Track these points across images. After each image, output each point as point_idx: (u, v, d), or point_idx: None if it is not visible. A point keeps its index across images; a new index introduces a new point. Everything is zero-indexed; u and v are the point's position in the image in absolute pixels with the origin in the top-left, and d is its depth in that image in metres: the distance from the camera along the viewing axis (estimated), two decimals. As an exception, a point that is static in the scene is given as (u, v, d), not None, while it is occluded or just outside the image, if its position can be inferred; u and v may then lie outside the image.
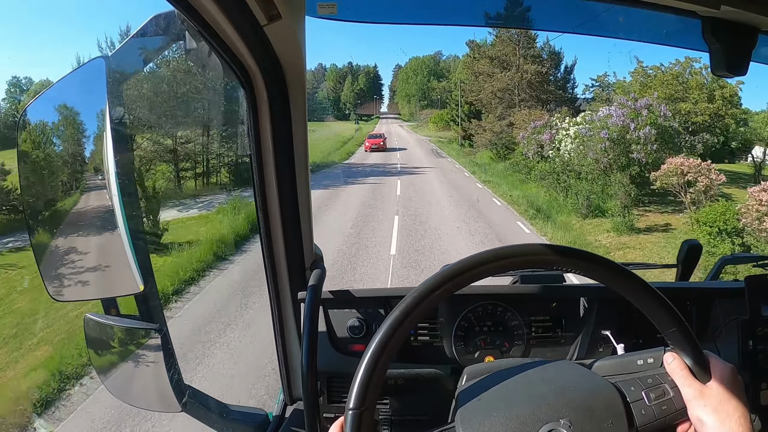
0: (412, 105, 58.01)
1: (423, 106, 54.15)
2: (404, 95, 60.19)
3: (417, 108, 55.59)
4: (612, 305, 1.15)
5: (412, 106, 57.97)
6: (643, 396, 0.62)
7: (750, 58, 0.77)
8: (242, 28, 0.75)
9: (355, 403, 0.58)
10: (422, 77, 57.36)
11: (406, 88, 59.88)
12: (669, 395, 0.62)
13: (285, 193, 0.99)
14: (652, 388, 0.62)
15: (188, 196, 12.45)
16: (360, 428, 0.58)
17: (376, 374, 0.59)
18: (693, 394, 0.61)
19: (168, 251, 7.82)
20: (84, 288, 0.78)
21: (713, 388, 0.61)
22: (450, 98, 32.96)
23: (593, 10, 0.96)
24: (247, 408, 1.08)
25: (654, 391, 0.62)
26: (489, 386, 0.66)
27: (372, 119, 60.83)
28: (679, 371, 0.62)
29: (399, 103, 61.95)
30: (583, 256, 0.64)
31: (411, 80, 59.25)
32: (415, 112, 55.54)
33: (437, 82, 51.99)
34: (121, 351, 0.82)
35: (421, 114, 47.14)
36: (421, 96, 56.49)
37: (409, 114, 57.52)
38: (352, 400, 0.58)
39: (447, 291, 0.61)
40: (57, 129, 0.76)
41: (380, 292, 1.21)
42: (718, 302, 1.18)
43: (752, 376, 1.08)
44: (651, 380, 0.63)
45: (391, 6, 1.03)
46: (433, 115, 39.31)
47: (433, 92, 52.69)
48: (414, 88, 58.20)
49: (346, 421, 0.58)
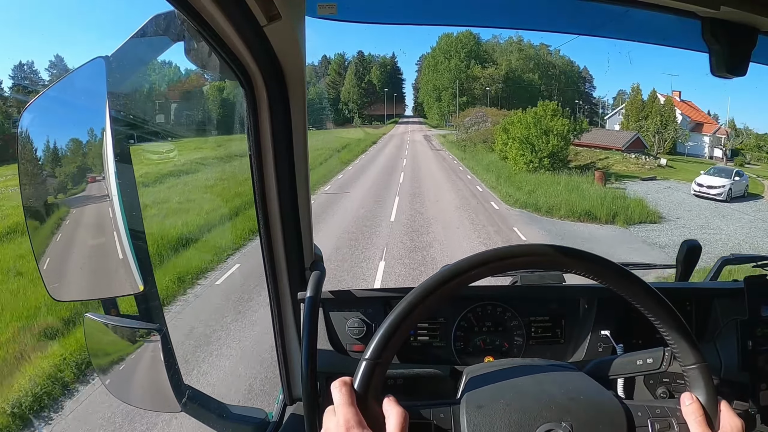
0: (444, 103, 39.40)
1: (462, 104, 36.74)
2: (432, 89, 40.68)
3: (450, 107, 38.23)
4: (611, 305, 1.15)
5: (443, 104, 39.57)
6: (649, 424, 0.61)
7: (750, 59, 0.77)
8: (242, 29, 0.75)
9: (372, 354, 0.59)
10: (458, 61, 38.50)
11: (434, 79, 40.19)
12: (674, 429, 0.61)
13: (285, 193, 0.99)
14: (658, 418, 0.62)
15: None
16: (371, 379, 0.58)
17: (399, 332, 0.60)
18: None
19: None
20: (84, 288, 0.78)
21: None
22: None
23: (593, 11, 0.96)
24: (247, 408, 1.08)
25: (660, 422, 0.61)
26: (500, 376, 0.67)
27: (389, 122, 44.91)
28: (696, 416, 0.61)
29: (424, 102, 43.33)
30: (584, 257, 0.64)
31: (442, 66, 39.41)
32: (447, 114, 38.54)
33: (481, 68, 38.04)
34: (121, 351, 0.82)
35: (462, 119, 29.49)
36: (457, 89, 38.45)
37: (438, 116, 40.16)
38: (370, 350, 0.59)
39: (460, 284, 0.62)
40: (57, 129, 0.76)
41: (380, 293, 1.21)
42: (718, 302, 1.18)
43: (752, 376, 1.08)
44: (660, 411, 0.63)
45: (391, 6, 1.03)
46: (501, 120, 22.22)
47: (475, 83, 37.79)
48: (446, 77, 38.97)
49: (359, 369, 0.59)
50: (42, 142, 0.74)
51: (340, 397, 0.57)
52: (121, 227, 0.68)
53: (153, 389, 0.82)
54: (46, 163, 0.73)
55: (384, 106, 45.31)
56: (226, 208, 10.35)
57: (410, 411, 0.59)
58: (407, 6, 1.05)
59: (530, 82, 38.50)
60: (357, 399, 0.57)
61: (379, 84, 45.98)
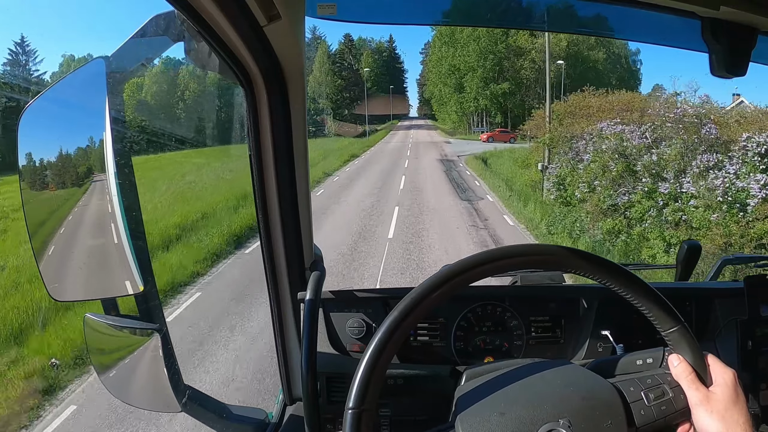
0: (470, 94, 25.34)
1: (503, 93, 23.78)
2: (446, 74, 26.09)
3: (481, 101, 24.59)
4: (611, 305, 1.15)
5: (468, 96, 25.36)
6: (643, 396, 0.62)
7: (749, 59, 0.77)
8: (242, 29, 0.75)
9: (354, 402, 0.58)
10: (487, 41, 24.61)
11: (451, 57, 25.56)
12: (668, 395, 0.62)
13: (284, 194, 0.99)
14: (651, 388, 0.62)
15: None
16: (359, 428, 0.57)
17: (375, 373, 0.58)
18: (699, 398, 0.61)
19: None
20: (84, 288, 0.78)
21: (718, 393, 0.61)
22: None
23: (593, 10, 0.96)
24: (247, 408, 1.08)
25: (653, 392, 0.62)
26: (488, 388, 0.66)
27: (381, 128, 30.72)
28: (686, 375, 0.62)
29: (434, 97, 28.64)
30: (583, 257, 0.64)
31: (463, 36, 24.80)
32: (476, 112, 25.33)
33: (530, 36, 23.52)
34: (121, 351, 0.82)
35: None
36: (489, 72, 24.46)
37: (458, 116, 26.64)
38: (352, 399, 0.58)
39: (445, 294, 0.61)
40: (57, 129, 0.76)
41: (380, 293, 1.21)
42: (718, 302, 1.18)
43: (752, 376, 1.09)
44: (650, 380, 0.63)
45: (391, 6, 1.03)
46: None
47: (522, 61, 24.07)
48: (473, 51, 24.85)
49: (345, 421, 0.57)
50: (42, 143, 0.74)
51: None
52: (121, 227, 0.68)
53: (153, 389, 0.82)
54: (46, 163, 0.73)
55: (380, 102, 32.65)
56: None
57: None
58: (407, 6, 1.05)
59: (594, 63, 25.96)
60: None
61: (373, 74, 32.37)
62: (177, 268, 7.36)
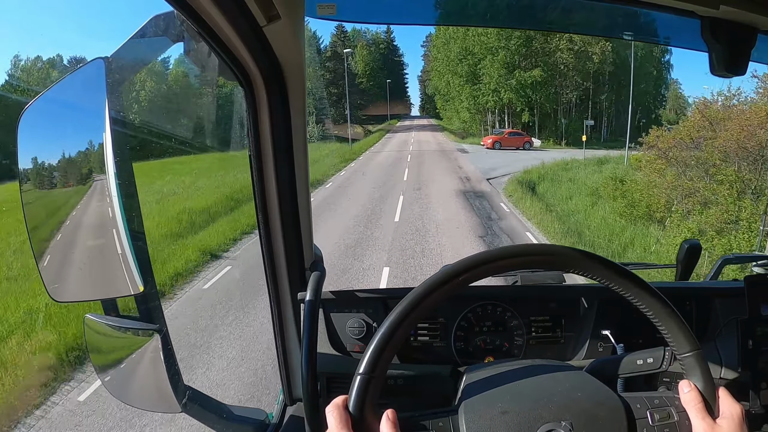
0: (488, 84, 19.31)
1: (534, 84, 18.00)
2: (455, 60, 20.47)
3: (506, 93, 18.53)
4: (611, 305, 1.15)
5: (486, 87, 19.50)
6: (648, 415, 0.61)
7: (749, 58, 0.77)
8: (241, 29, 0.75)
9: (365, 368, 0.58)
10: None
11: (463, 40, 19.82)
12: (674, 419, 0.61)
13: (284, 194, 0.99)
14: (657, 408, 0.62)
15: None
16: (366, 394, 0.58)
17: (391, 344, 0.59)
18: (704, 428, 0.60)
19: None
20: (84, 288, 0.78)
21: (724, 427, 0.60)
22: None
23: (593, 10, 0.96)
24: (247, 409, 1.08)
25: (659, 413, 0.62)
26: (498, 380, 0.67)
27: (376, 129, 27.17)
28: (695, 403, 0.61)
29: (440, 91, 23.49)
30: (584, 257, 0.64)
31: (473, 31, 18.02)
32: (497, 108, 19.20)
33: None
34: (120, 351, 0.81)
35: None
36: (515, 55, 18.41)
37: (471, 115, 20.59)
38: (363, 365, 0.58)
39: (452, 288, 0.61)
40: (56, 129, 0.76)
41: (380, 293, 1.21)
42: (718, 302, 1.18)
43: (752, 376, 1.08)
44: (658, 401, 0.63)
45: (391, 6, 1.03)
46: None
47: (557, 42, 17.86)
48: (492, 34, 18.53)
49: (354, 384, 0.58)
50: (42, 143, 0.74)
51: (334, 422, 0.56)
52: (121, 227, 0.68)
53: (153, 389, 0.82)
54: (46, 163, 0.73)
55: (377, 103, 28.08)
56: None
57: (409, 422, 0.59)
58: (407, 6, 1.05)
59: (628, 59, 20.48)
60: (352, 421, 0.57)
61: (368, 69, 27.90)
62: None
